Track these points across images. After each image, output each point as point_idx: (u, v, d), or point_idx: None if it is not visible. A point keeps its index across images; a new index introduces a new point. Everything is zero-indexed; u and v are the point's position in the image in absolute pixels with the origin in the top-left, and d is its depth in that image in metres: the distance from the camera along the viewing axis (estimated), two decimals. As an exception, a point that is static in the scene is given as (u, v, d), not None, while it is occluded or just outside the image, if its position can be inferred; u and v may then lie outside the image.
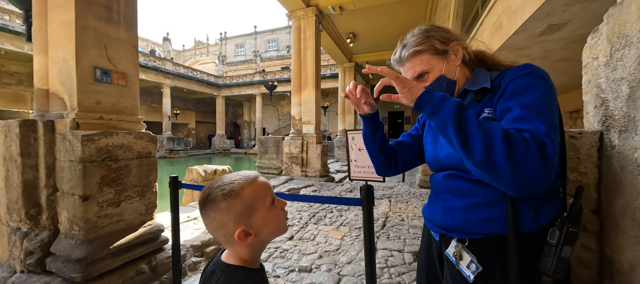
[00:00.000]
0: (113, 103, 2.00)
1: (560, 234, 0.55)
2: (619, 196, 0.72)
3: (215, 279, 0.55)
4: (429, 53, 0.69)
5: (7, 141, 1.81)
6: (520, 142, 0.52)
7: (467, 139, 0.54)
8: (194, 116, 23.86)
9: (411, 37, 0.72)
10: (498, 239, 0.62)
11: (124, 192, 1.90)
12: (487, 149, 0.52)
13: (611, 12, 0.77)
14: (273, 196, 0.60)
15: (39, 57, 1.95)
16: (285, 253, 2.41)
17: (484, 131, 0.53)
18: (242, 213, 0.53)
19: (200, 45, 33.95)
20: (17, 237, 1.77)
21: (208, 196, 0.54)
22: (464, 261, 0.64)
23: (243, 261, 0.56)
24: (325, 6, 6.64)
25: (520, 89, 0.61)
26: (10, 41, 10.53)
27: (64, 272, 1.65)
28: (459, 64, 0.71)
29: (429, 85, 0.71)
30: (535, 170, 0.50)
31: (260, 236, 0.56)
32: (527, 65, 0.64)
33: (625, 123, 0.70)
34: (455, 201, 0.69)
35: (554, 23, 2.03)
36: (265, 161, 7.62)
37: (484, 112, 0.65)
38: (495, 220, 0.62)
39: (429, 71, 0.70)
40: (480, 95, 0.68)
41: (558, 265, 0.55)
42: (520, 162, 0.50)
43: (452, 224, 0.69)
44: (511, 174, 0.51)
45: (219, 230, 0.55)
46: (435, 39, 0.69)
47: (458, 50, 0.71)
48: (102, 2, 1.94)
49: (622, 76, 0.72)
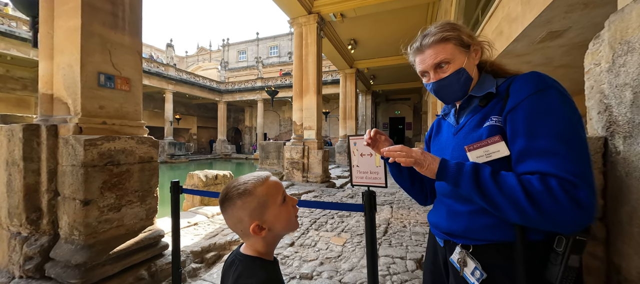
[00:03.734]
0: (116, 108, 2.01)
1: (567, 243, 0.54)
2: (626, 203, 0.71)
3: (234, 267, 0.62)
4: (454, 43, 0.68)
5: (10, 146, 1.81)
6: (546, 196, 0.51)
7: (497, 207, 0.56)
8: (195, 121, 23.97)
9: (435, 28, 0.71)
10: (503, 246, 0.61)
11: (125, 197, 1.90)
12: (518, 212, 0.53)
13: (612, 19, 0.77)
14: (284, 194, 0.65)
15: (45, 62, 1.97)
16: (286, 260, 2.39)
17: (506, 195, 0.54)
18: (256, 209, 0.59)
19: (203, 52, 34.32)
20: (17, 242, 1.76)
21: (226, 195, 0.61)
22: (469, 267, 0.63)
23: (259, 253, 0.62)
24: (327, 13, 6.71)
25: (540, 112, 0.56)
26: (16, 47, 10.71)
27: (62, 278, 1.63)
28: (476, 65, 0.71)
29: (447, 76, 0.69)
30: (570, 219, 0.51)
31: (273, 231, 0.62)
32: (539, 78, 0.60)
33: (630, 129, 0.70)
34: (459, 206, 0.68)
35: (555, 30, 2.04)
36: (266, 166, 7.61)
37: (490, 120, 0.64)
38: (499, 226, 0.61)
39: (450, 62, 0.68)
40: (485, 100, 0.68)
41: (565, 274, 0.54)
42: (551, 215, 0.51)
43: (456, 230, 0.68)
44: (550, 225, 0.53)
45: (236, 225, 0.61)
46: (463, 32, 0.69)
47: (478, 51, 0.71)
48: (108, 9, 1.97)
49: (625, 81, 0.72)
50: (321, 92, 7.13)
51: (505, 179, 0.56)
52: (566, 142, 0.54)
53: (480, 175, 0.57)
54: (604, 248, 0.78)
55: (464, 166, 0.60)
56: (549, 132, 0.55)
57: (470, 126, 0.69)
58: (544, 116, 0.56)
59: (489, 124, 0.64)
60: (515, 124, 0.59)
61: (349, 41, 8.97)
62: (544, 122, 0.56)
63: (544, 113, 0.56)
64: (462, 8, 4.81)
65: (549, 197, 0.51)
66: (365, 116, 17.08)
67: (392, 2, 6.22)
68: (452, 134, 0.74)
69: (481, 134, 0.64)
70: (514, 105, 0.60)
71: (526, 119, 0.58)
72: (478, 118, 0.67)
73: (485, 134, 0.63)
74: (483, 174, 0.57)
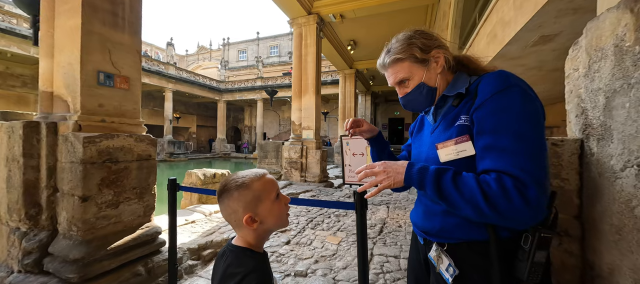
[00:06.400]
0: (115, 106, 2.05)
1: (532, 240, 0.57)
2: (598, 202, 0.75)
3: (225, 257, 0.66)
4: (410, 61, 0.71)
5: (10, 142, 1.84)
6: (500, 195, 0.54)
7: (457, 207, 0.59)
8: (195, 120, 23.98)
9: (395, 43, 0.74)
10: (475, 244, 0.64)
11: (123, 194, 1.93)
12: (476, 211, 0.57)
13: (589, 26, 0.81)
14: (278, 192, 0.69)
15: (45, 60, 2.00)
16: (282, 257, 2.42)
17: (466, 199, 0.57)
18: (251, 202, 0.64)
19: (203, 51, 34.33)
20: (16, 237, 1.79)
21: (224, 186, 0.65)
22: (444, 264, 0.67)
23: (249, 244, 0.66)
24: (327, 14, 6.75)
25: (502, 110, 0.58)
26: (17, 44, 10.72)
27: (61, 272, 1.66)
28: (441, 71, 0.73)
29: (410, 91, 0.73)
30: (522, 217, 0.54)
31: (264, 224, 0.66)
32: (504, 76, 0.62)
33: (602, 132, 0.74)
34: (434, 206, 0.71)
35: (546, 34, 2.07)
36: (264, 165, 7.64)
37: (460, 119, 0.66)
38: (471, 226, 0.64)
39: (410, 78, 0.72)
40: (458, 100, 0.70)
41: (531, 270, 0.56)
42: (506, 214, 0.54)
43: (431, 229, 0.72)
44: (505, 222, 0.57)
45: (231, 215, 0.65)
46: (416, 47, 0.70)
47: (439, 58, 0.71)
48: (108, 8, 2.00)
49: (599, 86, 0.75)
50: (320, 92, 7.16)
51: (466, 181, 0.58)
52: (523, 141, 0.56)
53: (441, 180, 0.60)
54: (579, 245, 0.82)
55: (426, 171, 0.62)
56: (508, 131, 0.57)
57: (444, 125, 0.71)
58: (504, 114, 0.58)
59: (458, 123, 0.66)
60: (478, 122, 0.62)
61: (348, 42, 9.01)
62: (504, 121, 0.58)
63: (505, 111, 0.58)
64: (460, 11, 4.85)
65: (504, 198, 0.54)
66: (365, 117, 17.11)
67: (391, 4, 6.26)
68: (430, 132, 0.77)
69: (451, 133, 0.67)
70: (479, 104, 0.63)
71: (488, 117, 0.60)
72: (451, 117, 0.69)
73: (455, 133, 0.66)
74: (444, 178, 0.60)
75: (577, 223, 0.82)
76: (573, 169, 0.82)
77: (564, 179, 0.83)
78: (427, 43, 0.71)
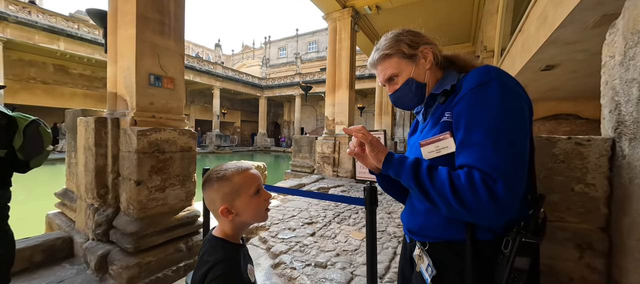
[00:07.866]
0: (163, 104, 2.35)
1: (513, 244, 0.54)
2: (627, 213, 0.64)
3: (203, 245, 0.71)
4: (398, 56, 0.71)
5: (86, 134, 2.26)
6: (468, 190, 0.53)
7: (429, 198, 0.58)
8: (239, 115, 25.78)
9: (384, 41, 0.74)
10: (454, 244, 0.62)
11: (168, 180, 2.23)
12: (445, 203, 0.56)
13: (627, 5, 0.69)
14: (259, 187, 0.70)
15: (111, 66, 2.39)
16: (305, 248, 2.52)
17: (437, 189, 0.56)
18: (228, 194, 0.66)
19: (247, 50, 36.45)
20: (91, 211, 2.20)
21: (208, 177, 0.68)
22: (424, 263, 0.66)
23: (226, 234, 0.69)
24: (362, 6, 6.60)
25: (477, 104, 0.58)
26: (99, 52, 12.90)
27: (121, 243, 2.01)
28: (430, 67, 0.71)
29: (399, 87, 0.73)
30: (487, 213, 0.52)
31: (240, 217, 0.68)
32: (484, 71, 0.60)
33: (635, 130, 0.63)
34: (419, 205, 0.70)
35: (609, 13, 1.72)
36: (298, 159, 7.89)
37: (444, 116, 0.65)
38: (451, 225, 0.62)
39: (398, 74, 0.72)
40: (444, 97, 0.68)
41: (511, 276, 0.53)
42: (472, 208, 0.53)
43: (414, 227, 0.71)
44: (473, 218, 0.55)
45: (210, 204, 0.68)
46: (404, 43, 0.71)
47: (427, 54, 0.71)
48: (157, 18, 2.29)
49: (633, 76, 0.64)
50: (354, 87, 7.07)
51: (439, 173, 0.58)
52: (495, 136, 0.54)
53: (418, 169, 0.59)
54: (605, 261, 0.71)
55: (406, 160, 0.62)
56: (481, 125, 0.56)
57: (431, 123, 0.70)
58: (479, 108, 0.57)
59: (443, 120, 0.65)
60: (455, 118, 0.61)
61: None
62: (478, 115, 0.57)
63: (480, 106, 0.57)
64: (511, -8, 4.30)
65: (471, 191, 0.52)
66: (403, 112, 16.35)
67: (432, -10, 5.84)
68: (420, 131, 0.76)
69: (436, 131, 0.66)
70: (458, 99, 0.62)
71: (464, 112, 0.59)
72: (438, 115, 0.68)
73: (438, 130, 0.65)
74: (421, 168, 0.59)
75: (604, 236, 0.72)
76: (601, 173, 0.72)
77: (589, 185, 0.73)
78: (414, 39, 0.71)
